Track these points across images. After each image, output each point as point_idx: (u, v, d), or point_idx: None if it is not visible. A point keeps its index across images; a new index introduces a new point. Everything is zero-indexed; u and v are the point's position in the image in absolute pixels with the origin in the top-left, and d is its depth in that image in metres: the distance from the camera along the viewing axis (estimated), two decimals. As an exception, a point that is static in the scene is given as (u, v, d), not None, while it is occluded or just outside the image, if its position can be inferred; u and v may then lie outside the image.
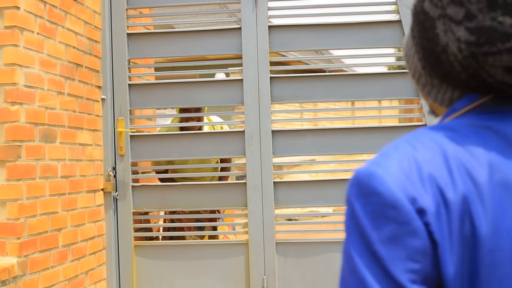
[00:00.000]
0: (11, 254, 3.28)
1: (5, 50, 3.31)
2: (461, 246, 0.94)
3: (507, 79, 1.00)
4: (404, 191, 0.94)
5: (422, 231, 0.93)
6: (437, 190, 0.95)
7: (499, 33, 0.98)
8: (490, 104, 1.05)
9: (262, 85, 4.20)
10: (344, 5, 4.30)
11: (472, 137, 1.00)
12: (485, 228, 0.93)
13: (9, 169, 3.30)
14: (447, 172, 0.96)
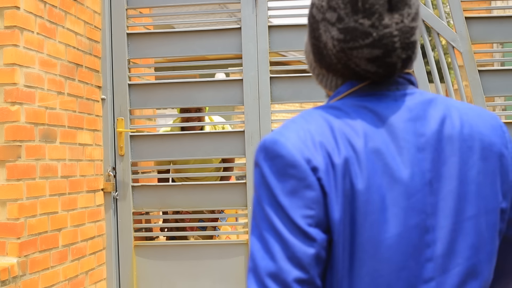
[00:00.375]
0: (11, 254, 3.28)
1: (5, 50, 3.31)
2: (343, 198, 1.19)
3: (370, 68, 1.27)
4: (301, 154, 1.20)
5: (316, 184, 1.19)
6: (326, 154, 1.20)
7: (360, 32, 1.25)
8: (366, 89, 1.31)
9: (262, 85, 4.20)
10: (344, 5, 4.29)
11: (352, 114, 1.26)
12: (360, 185, 1.19)
13: (9, 169, 3.30)
14: (333, 140, 1.22)
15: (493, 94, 4.16)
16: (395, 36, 1.25)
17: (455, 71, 4.18)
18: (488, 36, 4.16)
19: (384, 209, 1.21)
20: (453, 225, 1.25)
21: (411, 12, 1.27)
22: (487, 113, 1.36)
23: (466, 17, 4.11)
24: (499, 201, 1.30)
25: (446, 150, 1.27)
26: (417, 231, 1.22)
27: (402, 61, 1.27)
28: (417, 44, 1.30)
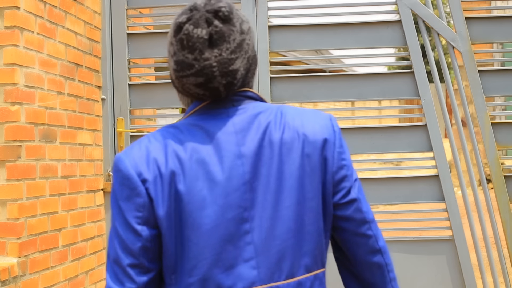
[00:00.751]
0: (11, 254, 3.28)
1: (5, 50, 3.31)
2: (169, 201, 1.53)
3: (198, 91, 1.60)
4: (134, 169, 1.56)
5: (144, 193, 1.55)
6: (156, 167, 1.55)
7: (187, 64, 1.57)
8: (204, 108, 1.64)
9: (262, 85, 4.20)
10: (344, 5, 4.29)
11: (185, 132, 1.59)
12: (183, 189, 1.52)
13: (9, 169, 3.30)
14: (164, 156, 1.56)
15: (493, 94, 4.16)
16: (214, 66, 1.55)
17: (455, 71, 4.18)
18: (488, 36, 4.16)
19: (205, 207, 1.53)
20: (271, 214, 1.55)
21: (230, 46, 1.57)
22: (318, 115, 1.66)
23: (466, 17, 4.11)
24: (320, 189, 1.60)
25: (266, 154, 1.56)
26: (234, 222, 1.54)
27: (224, 86, 1.58)
28: (238, 71, 1.59)
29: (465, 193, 4.12)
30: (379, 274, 1.73)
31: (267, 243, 1.56)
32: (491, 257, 4.11)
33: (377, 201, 4.24)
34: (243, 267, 1.55)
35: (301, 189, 1.58)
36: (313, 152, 1.59)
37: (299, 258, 1.61)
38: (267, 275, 1.56)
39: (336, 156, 1.63)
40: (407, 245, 4.17)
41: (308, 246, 1.62)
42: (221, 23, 1.57)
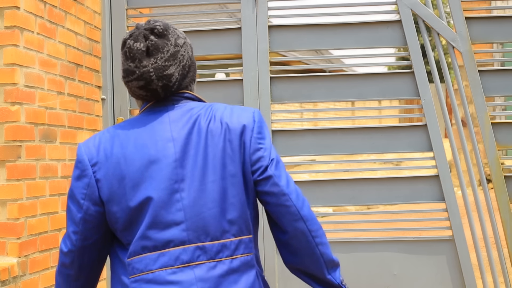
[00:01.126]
0: (11, 254, 3.28)
1: (5, 50, 3.31)
2: (113, 180, 1.91)
3: (142, 93, 2.00)
4: (87, 154, 1.96)
5: (90, 175, 1.94)
6: (104, 154, 1.93)
7: (130, 71, 1.97)
8: (149, 107, 2.03)
9: (262, 85, 4.20)
10: (344, 5, 4.29)
11: (131, 125, 1.98)
12: (125, 169, 1.91)
13: (9, 169, 3.30)
14: (111, 145, 1.94)
15: (493, 94, 4.16)
16: (151, 72, 1.94)
17: (455, 71, 4.18)
18: (488, 36, 4.16)
19: (143, 181, 1.90)
20: (198, 187, 1.90)
21: (164, 56, 1.96)
22: (243, 110, 2.03)
23: (466, 17, 4.11)
24: (241, 168, 1.95)
25: (194, 139, 1.93)
26: (167, 192, 1.89)
27: (161, 87, 1.98)
28: (173, 75, 1.97)
29: (465, 193, 4.12)
30: (304, 240, 1.96)
31: (194, 210, 1.89)
32: (491, 257, 4.11)
33: (377, 201, 4.24)
34: (174, 229, 1.89)
35: (224, 168, 1.93)
36: (234, 138, 1.95)
37: (224, 224, 1.91)
38: (194, 237, 1.89)
39: (253, 141, 1.98)
40: (407, 245, 4.17)
41: (232, 215, 1.92)
42: (156, 38, 1.97)
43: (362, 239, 4.28)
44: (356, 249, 4.20)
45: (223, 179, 1.92)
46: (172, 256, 1.88)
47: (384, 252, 4.17)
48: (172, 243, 1.88)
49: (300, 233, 1.96)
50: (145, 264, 1.89)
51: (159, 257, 1.89)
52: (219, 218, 1.91)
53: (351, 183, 4.24)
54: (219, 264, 1.90)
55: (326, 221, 4.53)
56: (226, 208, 1.92)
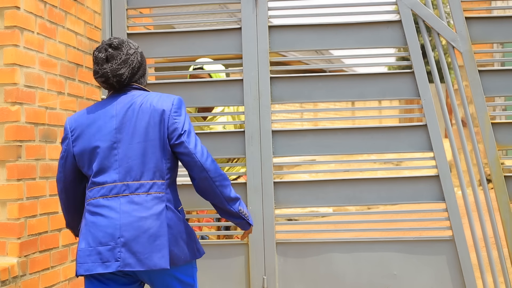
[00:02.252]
0: (11, 254, 3.29)
1: (5, 50, 3.32)
2: (82, 141, 2.86)
3: (104, 86, 2.93)
4: (69, 124, 2.91)
5: (69, 137, 2.89)
6: (78, 124, 2.89)
7: (95, 71, 2.90)
8: (110, 94, 2.95)
9: (262, 85, 4.20)
10: (344, 5, 4.29)
11: (98, 105, 2.92)
12: (85, 135, 2.86)
13: (9, 169, 3.30)
14: (83, 117, 2.90)
15: (493, 94, 4.16)
16: (108, 72, 2.87)
17: (455, 71, 4.18)
18: (488, 36, 4.16)
19: (96, 141, 2.83)
20: (128, 146, 2.82)
21: (117, 62, 2.88)
22: (167, 97, 2.92)
23: (466, 17, 4.11)
24: (160, 136, 2.83)
25: (129, 115, 2.84)
26: (108, 149, 2.82)
27: (116, 82, 2.90)
28: (123, 74, 2.90)
29: (465, 193, 4.13)
30: (207, 184, 2.89)
31: (124, 161, 2.81)
32: (491, 257, 4.11)
33: (377, 201, 4.24)
34: (112, 172, 2.81)
35: (146, 134, 2.83)
36: (156, 115, 2.84)
37: (143, 171, 2.82)
38: (122, 178, 2.81)
39: (171, 118, 2.85)
40: (407, 245, 4.18)
41: (149, 165, 2.82)
42: (112, 50, 2.91)
43: (362, 239, 4.28)
44: (356, 249, 4.20)
45: (145, 142, 2.83)
46: (108, 189, 2.81)
47: (384, 252, 4.18)
48: (109, 181, 2.81)
49: (204, 179, 2.87)
50: (93, 194, 2.83)
51: (100, 190, 2.81)
52: (140, 166, 2.82)
53: (352, 183, 4.24)
54: (137, 196, 2.80)
55: (326, 221, 4.53)
56: (145, 161, 2.82)
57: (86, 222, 2.81)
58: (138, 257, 2.74)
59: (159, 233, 2.77)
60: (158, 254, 2.75)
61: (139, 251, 2.73)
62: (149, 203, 2.80)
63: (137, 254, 2.74)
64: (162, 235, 2.77)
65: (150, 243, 2.75)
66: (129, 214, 2.77)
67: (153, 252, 2.75)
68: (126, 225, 2.75)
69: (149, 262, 2.73)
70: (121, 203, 2.78)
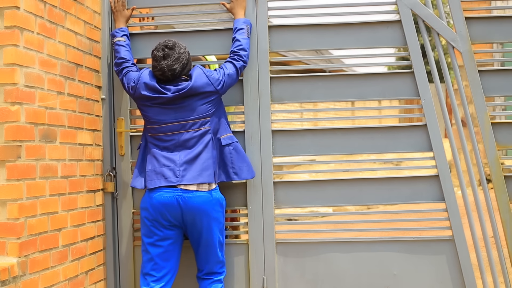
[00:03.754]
0: (11, 254, 3.29)
1: (5, 50, 3.32)
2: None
3: (160, 77, 3.86)
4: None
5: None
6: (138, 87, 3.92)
7: (154, 66, 3.85)
8: (163, 82, 3.91)
9: (262, 85, 4.20)
10: (344, 5, 4.29)
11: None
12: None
13: (9, 169, 3.30)
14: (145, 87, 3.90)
15: (493, 94, 4.16)
16: (165, 67, 3.75)
17: (455, 71, 4.18)
18: (488, 36, 4.17)
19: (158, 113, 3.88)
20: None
21: (172, 59, 3.74)
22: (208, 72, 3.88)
23: (466, 17, 4.11)
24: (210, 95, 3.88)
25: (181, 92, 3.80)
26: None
27: (171, 75, 3.77)
28: (176, 69, 3.76)
29: (465, 193, 4.13)
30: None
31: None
32: (491, 257, 4.11)
33: (377, 201, 4.24)
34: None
35: (195, 99, 3.85)
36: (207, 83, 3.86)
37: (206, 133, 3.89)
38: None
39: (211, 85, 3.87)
40: (407, 245, 4.18)
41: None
42: (168, 49, 3.76)
43: (362, 239, 4.28)
44: (356, 249, 4.20)
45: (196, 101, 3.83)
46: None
47: (384, 252, 4.18)
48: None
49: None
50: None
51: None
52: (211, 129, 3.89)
53: (351, 183, 4.25)
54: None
55: (326, 221, 4.53)
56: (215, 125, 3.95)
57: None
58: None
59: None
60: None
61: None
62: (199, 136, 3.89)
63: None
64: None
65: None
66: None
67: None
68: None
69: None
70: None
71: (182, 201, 3.75)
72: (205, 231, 3.83)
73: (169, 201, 3.75)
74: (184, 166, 3.78)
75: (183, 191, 3.75)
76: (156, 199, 3.76)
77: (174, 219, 3.78)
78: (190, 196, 3.75)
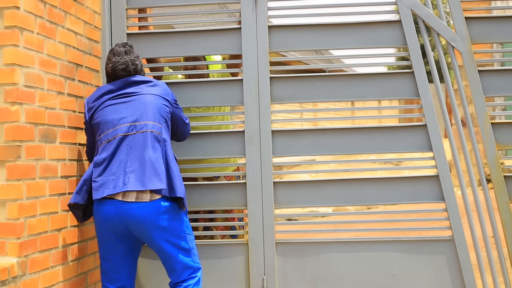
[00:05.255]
0: (11, 254, 3.28)
1: (5, 50, 3.32)
2: (94, 113, 3.78)
3: (122, 73, 3.82)
4: (87, 101, 3.82)
5: (87, 111, 3.80)
6: (92, 102, 3.79)
7: (117, 61, 3.81)
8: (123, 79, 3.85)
9: (262, 85, 4.20)
10: (344, 5, 4.29)
11: (105, 87, 3.85)
12: (100, 110, 3.77)
13: (9, 169, 3.30)
14: (97, 97, 3.81)
15: (493, 94, 4.16)
16: (128, 61, 3.79)
17: (455, 71, 4.18)
18: (488, 36, 4.17)
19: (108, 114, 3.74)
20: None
21: (134, 55, 3.83)
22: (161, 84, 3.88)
23: (466, 17, 4.11)
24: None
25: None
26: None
27: (132, 70, 3.80)
28: (138, 64, 3.83)
29: (465, 193, 4.13)
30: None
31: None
32: (491, 257, 4.11)
33: (377, 201, 4.25)
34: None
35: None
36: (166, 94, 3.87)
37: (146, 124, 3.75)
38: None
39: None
40: (407, 245, 4.18)
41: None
42: (128, 47, 3.83)
43: (362, 239, 4.28)
44: (356, 249, 4.21)
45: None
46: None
47: (383, 252, 4.18)
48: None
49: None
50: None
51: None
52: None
53: (351, 183, 4.25)
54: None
55: (326, 221, 4.53)
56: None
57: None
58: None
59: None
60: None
61: None
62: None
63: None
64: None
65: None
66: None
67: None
68: None
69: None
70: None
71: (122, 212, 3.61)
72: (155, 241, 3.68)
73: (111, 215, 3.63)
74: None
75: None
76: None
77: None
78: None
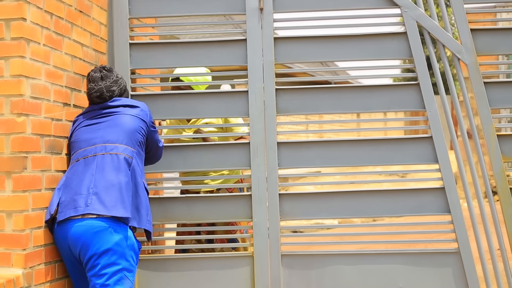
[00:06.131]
0: (16, 265, 3.28)
1: (11, 61, 3.33)
2: (72, 131, 3.78)
3: (98, 100, 3.74)
4: (73, 122, 3.79)
5: (70, 132, 3.74)
6: (75, 122, 3.78)
7: (91, 88, 3.74)
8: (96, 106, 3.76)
9: (267, 96, 4.20)
10: (349, 17, 4.29)
11: (88, 113, 3.76)
12: (78, 131, 3.73)
13: (15, 181, 3.30)
14: (79, 116, 3.78)
15: (498, 106, 4.16)
16: (103, 88, 3.70)
17: (461, 83, 4.18)
18: (494, 48, 4.17)
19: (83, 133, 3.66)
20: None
21: (111, 80, 3.73)
22: (137, 103, 3.80)
23: (472, 29, 4.11)
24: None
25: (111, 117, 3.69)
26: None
27: (108, 96, 3.71)
28: (115, 91, 3.73)
29: (471, 205, 4.11)
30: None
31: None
32: (497, 269, 4.09)
33: (382, 213, 4.24)
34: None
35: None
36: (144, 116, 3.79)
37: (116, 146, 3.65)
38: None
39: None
40: (412, 257, 4.16)
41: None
42: (105, 71, 3.74)
43: (367, 251, 4.27)
44: (362, 261, 4.19)
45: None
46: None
47: (389, 264, 4.16)
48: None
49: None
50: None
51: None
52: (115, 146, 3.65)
53: (357, 195, 4.24)
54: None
55: (332, 233, 4.52)
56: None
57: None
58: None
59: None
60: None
61: None
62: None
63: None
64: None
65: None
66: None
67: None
68: None
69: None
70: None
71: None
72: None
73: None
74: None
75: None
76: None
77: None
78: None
